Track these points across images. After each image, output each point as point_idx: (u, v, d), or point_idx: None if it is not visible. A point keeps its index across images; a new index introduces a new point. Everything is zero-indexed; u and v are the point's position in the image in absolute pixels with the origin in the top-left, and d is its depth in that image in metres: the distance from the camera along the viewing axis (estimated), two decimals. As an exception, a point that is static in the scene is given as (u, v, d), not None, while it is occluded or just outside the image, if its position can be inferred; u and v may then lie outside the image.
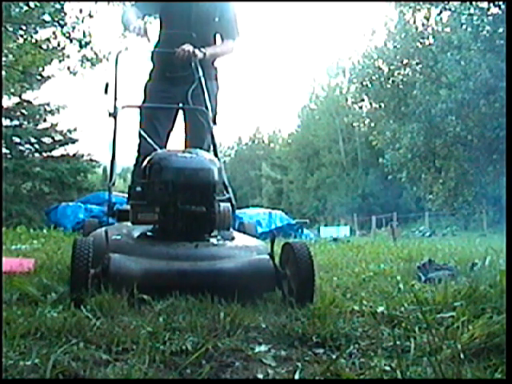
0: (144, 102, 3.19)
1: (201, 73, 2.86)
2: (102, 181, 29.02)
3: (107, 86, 2.60)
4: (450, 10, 19.66)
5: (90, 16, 11.21)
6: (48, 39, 11.86)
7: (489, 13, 18.28)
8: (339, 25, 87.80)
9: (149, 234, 1.92)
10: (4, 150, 18.69)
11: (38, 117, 20.89)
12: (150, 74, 3.24)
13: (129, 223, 1.98)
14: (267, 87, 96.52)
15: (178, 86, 3.09)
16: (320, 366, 1.03)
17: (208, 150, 3.26)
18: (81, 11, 11.10)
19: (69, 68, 12.13)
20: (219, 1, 3.25)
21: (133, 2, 3.30)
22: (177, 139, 3.32)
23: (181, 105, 3.07)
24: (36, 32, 11.93)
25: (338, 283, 1.99)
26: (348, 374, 0.99)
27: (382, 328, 1.33)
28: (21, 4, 10.89)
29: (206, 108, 2.72)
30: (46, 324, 1.22)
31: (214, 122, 3.03)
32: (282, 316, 1.43)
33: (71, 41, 11.47)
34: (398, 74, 24.39)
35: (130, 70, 2.96)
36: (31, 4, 10.97)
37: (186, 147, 3.24)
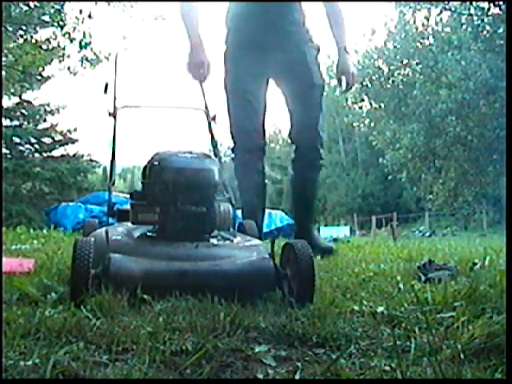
0: (226, 73, 2.84)
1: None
2: (102, 181, 29.05)
3: (107, 85, 2.59)
4: (450, 10, 19.68)
5: (90, 17, 11.22)
6: (48, 39, 11.87)
7: (489, 13, 18.29)
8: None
9: (149, 234, 1.92)
10: (4, 150, 18.71)
11: (38, 117, 20.93)
12: (226, 42, 2.90)
13: (129, 223, 1.98)
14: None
15: (265, 52, 2.77)
16: (320, 366, 1.03)
17: (316, 124, 2.83)
18: (81, 12, 11.11)
19: (69, 68, 12.14)
20: None
21: None
22: (175, 139, 3.27)
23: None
24: (36, 32, 11.95)
25: (338, 283, 1.99)
26: (348, 373, 0.99)
27: (382, 328, 1.33)
28: (21, 4, 10.90)
29: (206, 108, 2.70)
30: (46, 324, 1.22)
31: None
32: (282, 316, 1.43)
33: (71, 41, 11.48)
34: (398, 74, 24.40)
35: (129, 70, 2.89)
36: (31, 4, 10.97)
37: (291, 127, 2.98)
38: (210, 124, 2.65)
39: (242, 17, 2.76)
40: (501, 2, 16.12)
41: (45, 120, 21.21)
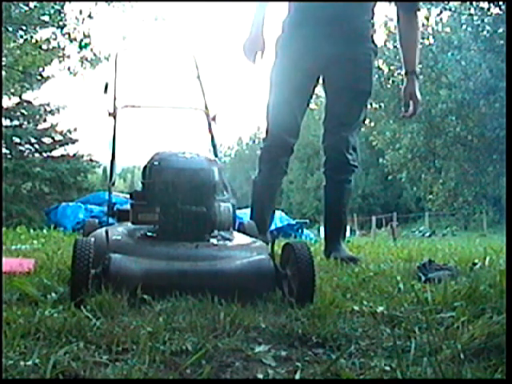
0: (275, 60, 2.79)
1: (197, 72, 2.75)
2: (102, 181, 29.06)
3: (107, 85, 2.59)
4: (450, 9, 19.67)
5: (90, 17, 11.23)
6: (48, 40, 11.88)
7: (489, 13, 18.30)
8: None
9: (149, 234, 1.92)
10: (4, 150, 18.73)
11: (38, 117, 20.94)
12: (283, 27, 2.78)
13: (129, 223, 1.98)
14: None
15: (321, 47, 2.66)
16: (320, 366, 1.03)
17: (344, 130, 2.72)
18: (81, 12, 11.13)
19: (69, 68, 12.16)
20: None
21: None
22: (176, 139, 3.26)
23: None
24: (36, 32, 11.96)
25: (338, 283, 1.99)
26: (348, 373, 0.99)
27: (382, 328, 1.33)
28: (21, 4, 10.90)
29: (206, 108, 2.69)
30: (46, 324, 1.22)
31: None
32: (282, 316, 1.43)
33: (71, 41, 11.50)
34: (398, 73, 24.37)
35: (129, 70, 2.87)
36: (31, 4, 10.98)
37: (324, 126, 2.89)
38: (210, 124, 2.65)
39: (305, 5, 2.67)
40: (501, 2, 16.13)
41: (45, 120, 21.22)
